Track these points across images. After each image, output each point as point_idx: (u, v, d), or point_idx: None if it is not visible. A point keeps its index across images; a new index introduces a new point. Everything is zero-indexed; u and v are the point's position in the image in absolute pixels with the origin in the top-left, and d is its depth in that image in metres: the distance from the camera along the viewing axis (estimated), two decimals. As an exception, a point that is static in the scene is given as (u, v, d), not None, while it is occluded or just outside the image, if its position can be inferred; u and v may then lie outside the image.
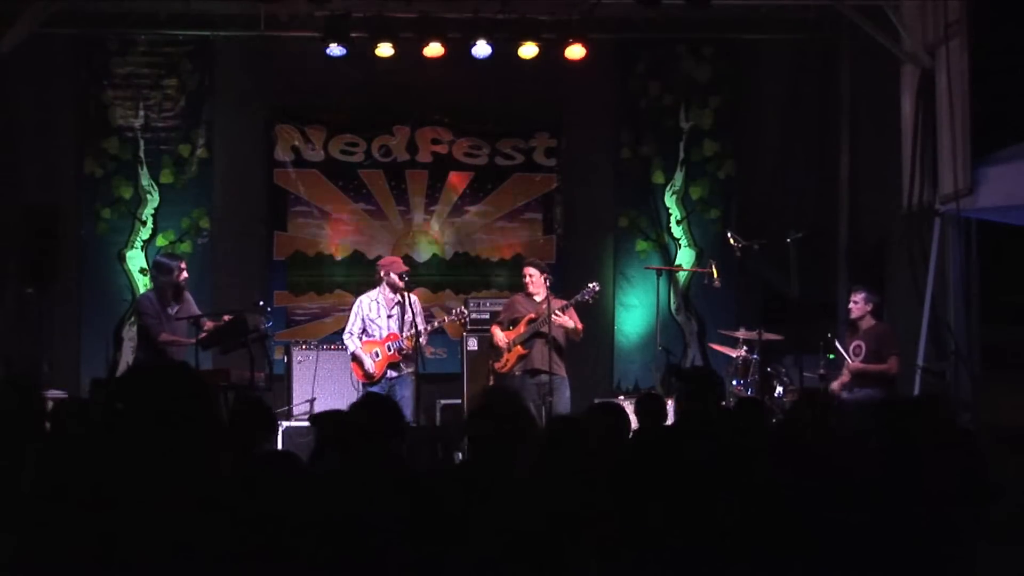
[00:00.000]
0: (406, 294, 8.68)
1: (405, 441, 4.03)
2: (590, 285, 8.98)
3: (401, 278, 8.65)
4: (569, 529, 3.24)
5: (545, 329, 8.77)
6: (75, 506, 2.67)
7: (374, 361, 8.61)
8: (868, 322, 8.71)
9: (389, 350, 8.63)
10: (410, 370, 8.63)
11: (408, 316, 8.62)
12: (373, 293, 8.84)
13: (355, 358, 8.70)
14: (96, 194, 10.38)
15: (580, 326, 8.93)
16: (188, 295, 8.55)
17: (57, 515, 2.69)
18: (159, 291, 8.45)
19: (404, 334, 8.60)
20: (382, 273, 8.80)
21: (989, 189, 8.85)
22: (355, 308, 8.86)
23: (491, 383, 9.12)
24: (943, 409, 4.60)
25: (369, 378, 8.63)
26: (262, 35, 10.18)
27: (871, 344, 8.61)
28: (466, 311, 9.29)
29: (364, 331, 8.74)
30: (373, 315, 8.75)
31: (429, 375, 8.80)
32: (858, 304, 8.72)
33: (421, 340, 8.53)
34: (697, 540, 3.06)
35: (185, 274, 8.49)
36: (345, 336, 8.82)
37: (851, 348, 8.70)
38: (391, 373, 8.66)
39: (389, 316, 8.72)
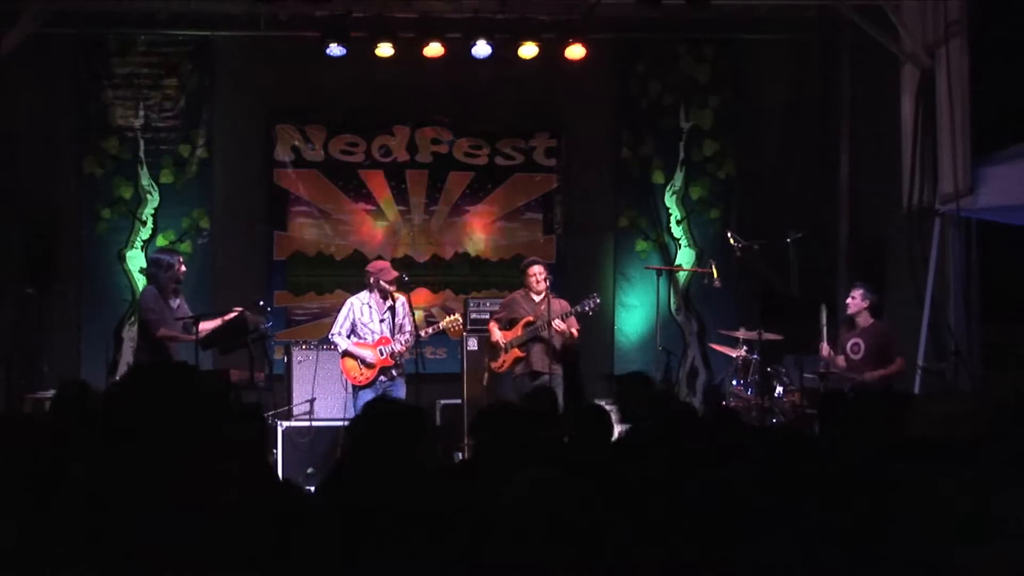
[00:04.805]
0: (395, 298, 8.68)
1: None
2: (591, 296, 8.94)
3: (394, 283, 8.63)
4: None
5: (544, 334, 8.76)
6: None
7: (373, 360, 8.60)
8: (865, 319, 8.72)
9: (382, 354, 8.61)
10: (400, 373, 8.66)
11: (399, 320, 8.62)
12: (364, 296, 8.76)
13: (348, 355, 8.66)
14: (96, 194, 10.38)
15: (576, 332, 8.88)
16: (182, 297, 8.54)
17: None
18: (160, 287, 8.43)
19: (396, 338, 8.61)
20: (371, 280, 8.73)
21: (989, 189, 8.86)
22: (345, 309, 8.77)
23: (487, 383, 9.12)
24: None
25: (366, 374, 8.60)
26: (262, 35, 10.19)
27: (872, 344, 8.62)
28: (459, 317, 9.25)
29: (353, 332, 8.69)
30: (365, 319, 8.69)
31: (429, 375, 8.78)
32: (855, 300, 8.74)
33: (423, 337, 8.56)
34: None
35: (184, 268, 8.49)
36: (334, 336, 8.73)
37: (848, 345, 8.72)
38: (382, 378, 8.64)
39: (382, 320, 8.69)
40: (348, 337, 8.67)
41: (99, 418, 2.93)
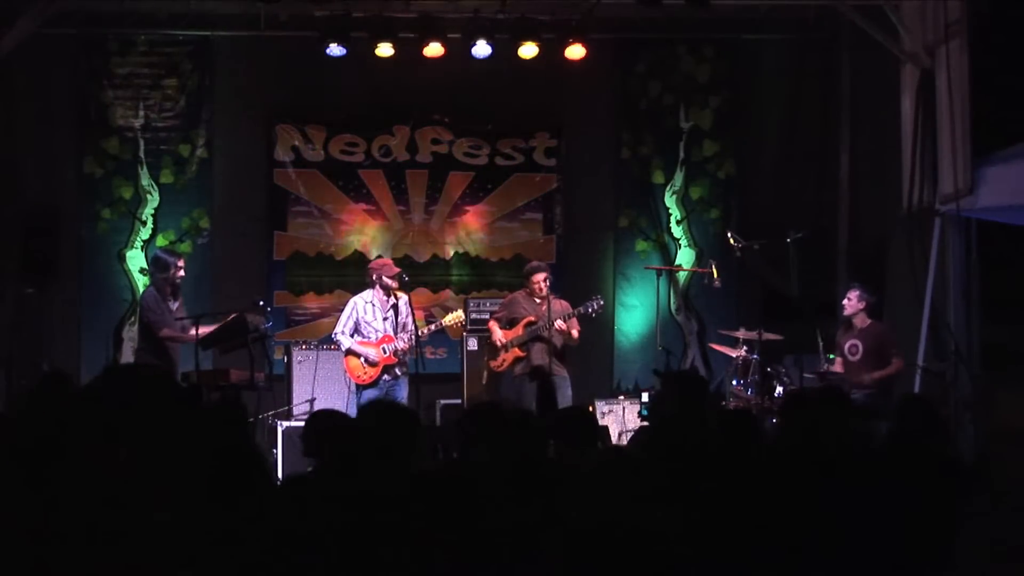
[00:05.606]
0: (399, 296, 8.69)
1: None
2: (595, 298, 8.96)
3: (396, 280, 8.65)
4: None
5: (544, 334, 8.76)
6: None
7: (376, 358, 8.61)
8: (862, 320, 8.72)
9: (385, 352, 8.63)
10: (404, 372, 8.67)
11: (401, 319, 8.63)
12: (367, 295, 8.81)
13: (352, 353, 8.68)
14: (96, 194, 10.38)
15: (576, 333, 8.90)
16: (180, 300, 8.55)
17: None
18: (157, 287, 8.47)
19: (399, 336, 8.61)
20: (374, 277, 8.78)
21: (989, 189, 8.84)
22: (348, 309, 8.82)
23: (486, 382, 9.12)
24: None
25: (370, 372, 8.61)
26: (262, 35, 10.19)
27: (869, 344, 8.62)
28: (461, 314, 9.28)
29: (356, 331, 8.72)
30: (369, 317, 8.73)
31: (429, 375, 8.79)
32: (851, 301, 8.74)
33: (421, 336, 8.56)
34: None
35: (183, 272, 8.52)
36: (337, 336, 8.78)
37: (846, 347, 8.71)
38: (386, 377, 8.66)
39: (385, 319, 8.72)
40: (351, 336, 8.69)
41: (78, 412, 2.94)
